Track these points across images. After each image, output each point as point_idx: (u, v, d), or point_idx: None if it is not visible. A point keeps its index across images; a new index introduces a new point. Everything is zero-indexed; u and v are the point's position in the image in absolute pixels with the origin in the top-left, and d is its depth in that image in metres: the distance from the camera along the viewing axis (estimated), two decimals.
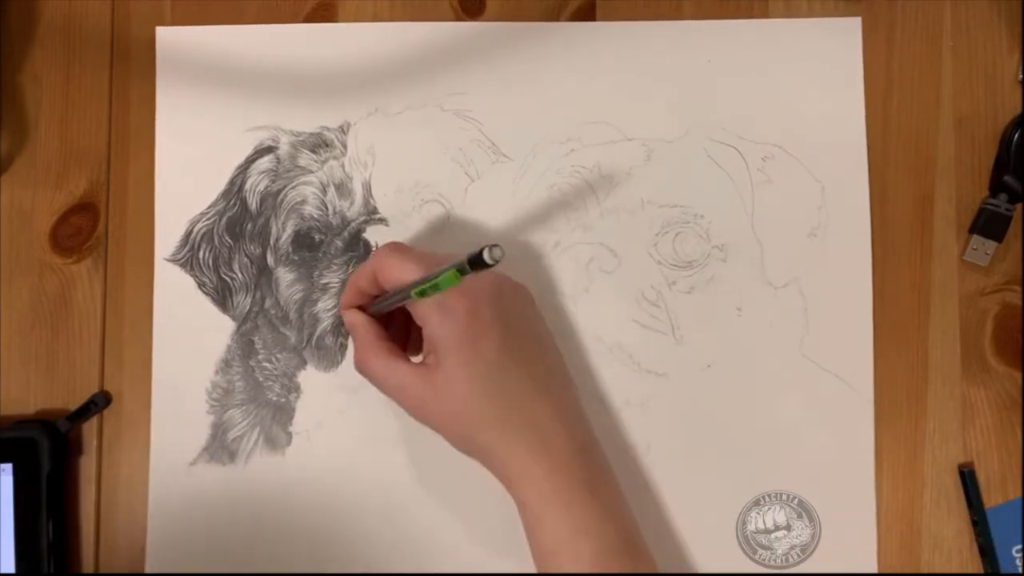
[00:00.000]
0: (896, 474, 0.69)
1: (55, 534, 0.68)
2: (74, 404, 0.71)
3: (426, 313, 0.60)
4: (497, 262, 0.51)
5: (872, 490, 0.69)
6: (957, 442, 0.69)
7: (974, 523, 0.68)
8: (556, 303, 0.70)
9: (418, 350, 0.66)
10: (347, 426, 0.70)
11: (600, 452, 0.64)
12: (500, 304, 0.62)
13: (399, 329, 0.67)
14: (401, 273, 0.60)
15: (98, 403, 0.70)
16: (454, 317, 0.59)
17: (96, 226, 0.72)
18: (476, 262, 0.51)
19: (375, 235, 0.71)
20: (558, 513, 0.59)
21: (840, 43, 0.71)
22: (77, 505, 0.70)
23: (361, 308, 0.65)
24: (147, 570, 0.70)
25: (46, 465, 0.68)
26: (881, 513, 0.69)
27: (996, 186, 0.69)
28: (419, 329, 0.62)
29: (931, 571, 0.69)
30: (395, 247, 0.62)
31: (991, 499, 0.69)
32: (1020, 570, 0.68)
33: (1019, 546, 0.68)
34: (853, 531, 0.69)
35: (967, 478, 0.68)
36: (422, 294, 0.57)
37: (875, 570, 0.69)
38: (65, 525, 0.70)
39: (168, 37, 0.73)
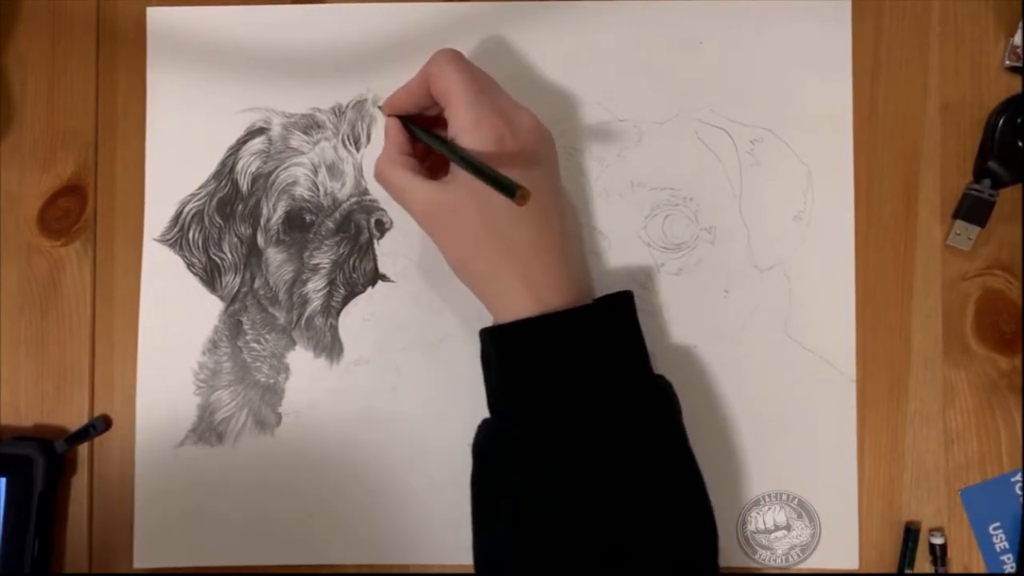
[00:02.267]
0: (878, 454, 0.70)
1: (40, 554, 0.68)
2: (65, 388, 0.71)
3: (459, 130, 0.61)
4: (520, 204, 0.54)
5: (854, 470, 0.70)
6: (937, 423, 0.70)
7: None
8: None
9: (437, 173, 0.66)
10: (337, 407, 0.70)
11: (587, 283, 0.66)
12: (530, 142, 0.63)
13: (423, 148, 0.67)
14: (452, 85, 0.62)
15: (97, 427, 0.70)
16: (484, 140, 0.60)
17: (84, 208, 0.72)
18: (504, 189, 0.55)
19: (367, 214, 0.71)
20: None
21: (829, 27, 0.71)
22: (65, 525, 0.71)
23: (400, 117, 0.67)
24: (135, 552, 0.70)
25: (39, 484, 0.68)
26: (862, 493, 0.70)
27: (980, 172, 0.70)
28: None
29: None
30: (452, 56, 0.63)
31: (970, 479, 0.70)
32: (1013, 568, 0.69)
33: (996, 523, 0.69)
34: (839, 514, 0.70)
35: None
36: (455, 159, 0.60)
37: (856, 558, 0.70)
38: (51, 546, 0.70)
39: (159, 18, 0.72)
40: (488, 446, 0.63)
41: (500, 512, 0.61)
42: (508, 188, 0.54)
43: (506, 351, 0.61)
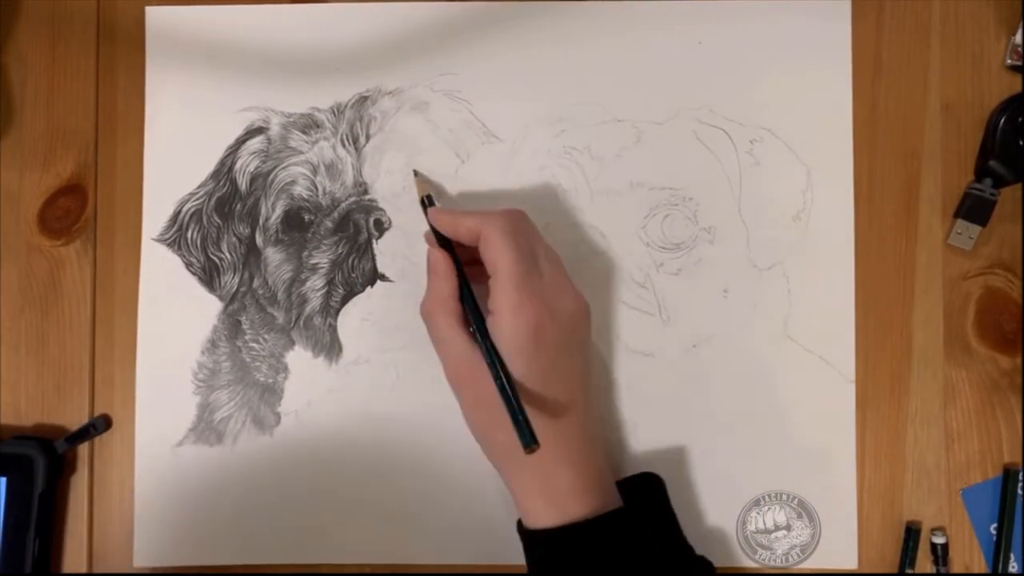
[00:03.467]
0: (878, 453, 0.70)
1: (40, 553, 0.69)
2: (65, 387, 0.71)
3: (500, 308, 0.60)
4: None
5: (853, 470, 0.70)
6: (938, 423, 0.70)
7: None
8: None
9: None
10: (336, 406, 0.70)
11: (607, 469, 0.64)
12: (568, 331, 0.62)
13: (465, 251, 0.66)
14: (501, 262, 0.61)
15: (97, 427, 0.70)
16: (522, 326, 0.60)
17: (84, 208, 0.72)
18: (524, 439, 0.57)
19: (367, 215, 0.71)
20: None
21: (829, 26, 0.71)
22: (65, 525, 0.71)
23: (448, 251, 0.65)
24: (135, 551, 0.70)
25: (40, 484, 0.68)
26: (863, 493, 0.69)
27: (981, 171, 0.70)
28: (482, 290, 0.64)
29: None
30: (509, 226, 0.62)
31: (971, 478, 0.70)
32: (1015, 568, 0.69)
33: (995, 524, 0.69)
34: (839, 514, 0.70)
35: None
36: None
37: (856, 558, 0.70)
38: (51, 545, 0.70)
39: (158, 17, 0.73)
40: None
41: None
42: (524, 435, 0.56)
43: (540, 558, 0.62)
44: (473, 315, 0.62)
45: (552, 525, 0.60)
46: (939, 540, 0.69)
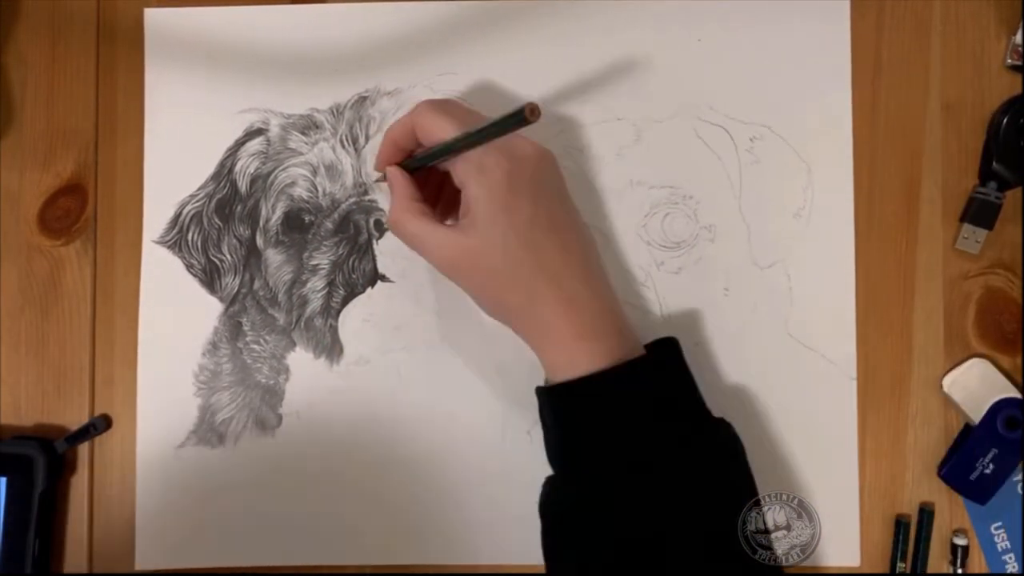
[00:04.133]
0: (879, 453, 0.70)
1: (40, 553, 0.69)
2: (65, 387, 0.71)
3: (465, 175, 0.60)
4: (535, 120, 0.54)
5: (854, 469, 0.70)
6: (939, 423, 0.70)
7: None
8: None
9: (447, 213, 0.67)
10: (337, 407, 0.70)
11: (621, 312, 0.64)
12: (536, 168, 0.62)
13: (430, 192, 0.67)
14: (440, 131, 0.61)
15: (97, 427, 0.70)
16: (493, 179, 0.60)
17: (84, 208, 0.72)
18: (516, 119, 0.55)
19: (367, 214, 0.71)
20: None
21: (828, 25, 0.71)
22: (65, 525, 0.71)
23: (398, 164, 0.65)
24: (136, 552, 0.70)
25: (40, 484, 0.68)
26: (863, 492, 0.70)
27: (986, 174, 0.70)
28: (452, 191, 0.64)
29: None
30: (434, 103, 0.63)
31: None
32: (1019, 569, 0.69)
33: (998, 523, 0.69)
34: (839, 514, 0.70)
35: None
36: (460, 150, 0.60)
37: (857, 558, 0.70)
38: (51, 545, 0.70)
39: (157, 18, 0.73)
40: (551, 507, 0.61)
41: (568, 570, 0.60)
42: (517, 117, 0.55)
43: (561, 411, 0.61)
44: (425, 156, 0.63)
45: (573, 376, 0.59)
46: (961, 542, 0.69)
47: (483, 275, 0.61)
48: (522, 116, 0.54)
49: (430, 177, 0.66)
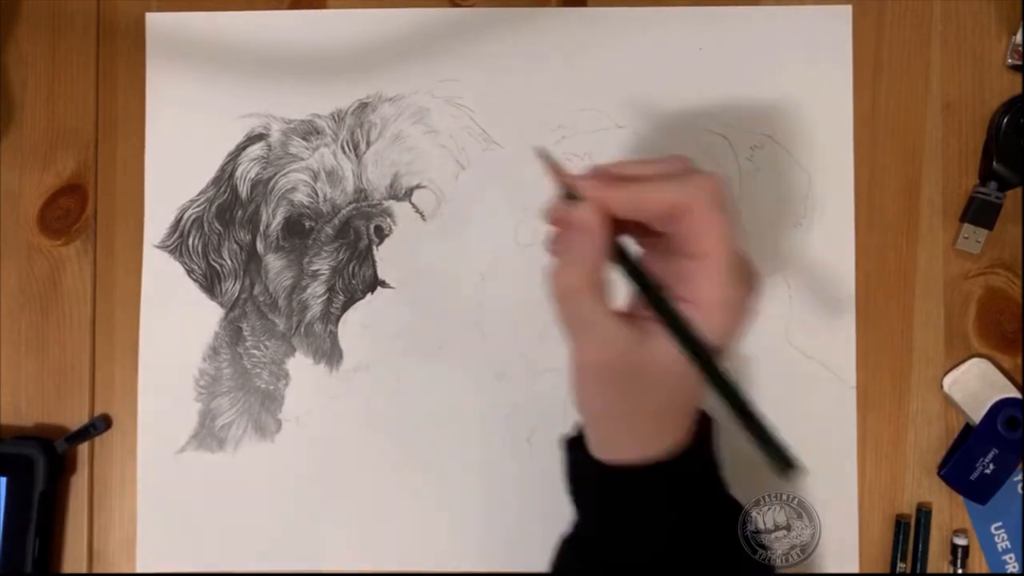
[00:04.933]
0: (879, 453, 0.70)
1: (40, 553, 0.69)
2: (65, 387, 0.71)
3: (709, 303, 0.50)
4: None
5: (853, 469, 0.70)
6: (939, 423, 0.70)
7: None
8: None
9: None
10: (337, 413, 0.70)
11: None
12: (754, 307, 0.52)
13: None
14: (712, 249, 0.49)
15: (97, 426, 0.70)
16: (726, 325, 0.50)
17: (84, 208, 0.72)
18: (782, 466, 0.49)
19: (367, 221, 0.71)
20: None
21: (830, 31, 0.71)
22: (65, 525, 0.71)
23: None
24: (137, 557, 0.70)
25: (40, 484, 0.68)
26: (863, 492, 0.70)
27: (986, 174, 0.70)
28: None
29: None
30: (723, 197, 0.50)
31: None
32: (1019, 568, 0.69)
33: (998, 523, 0.70)
34: (839, 514, 0.70)
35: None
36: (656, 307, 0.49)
37: (856, 558, 0.70)
38: (51, 545, 0.70)
39: (158, 23, 0.72)
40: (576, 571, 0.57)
41: None
42: (784, 464, 0.49)
43: (606, 491, 0.54)
44: (658, 301, 0.50)
45: (633, 460, 0.52)
46: (961, 542, 0.69)
47: (616, 389, 0.51)
48: (787, 470, 0.48)
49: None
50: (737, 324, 0.50)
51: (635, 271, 0.50)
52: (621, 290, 0.52)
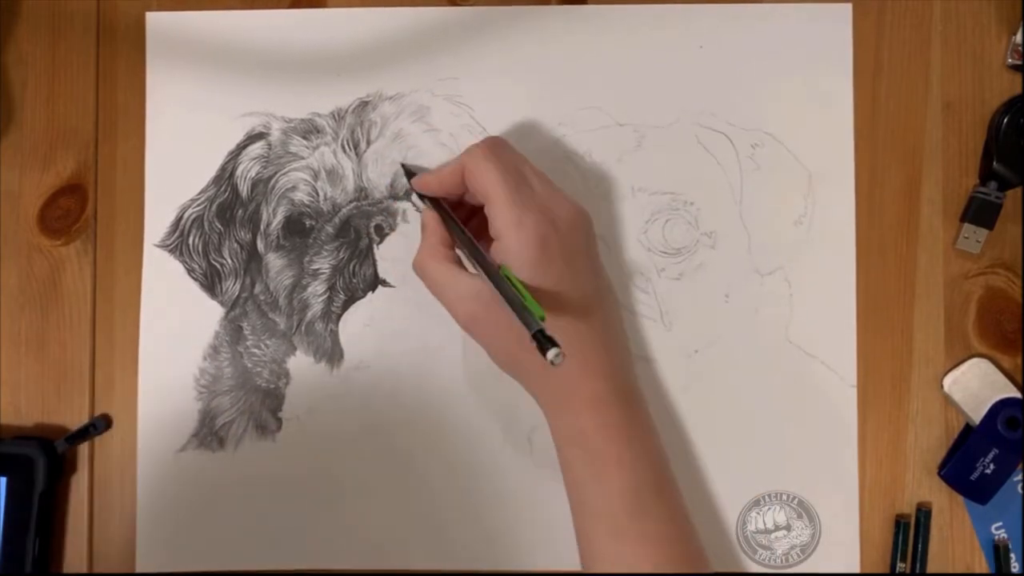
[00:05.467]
0: (879, 453, 0.70)
1: (40, 553, 0.69)
2: (65, 387, 0.71)
3: (504, 228, 0.61)
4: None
5: (854, 469, 0.70)
6: (940, 423, 0.70)
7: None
8: None
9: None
10: (338, 412, 0.70)
11: (635, 385, 0.65)
12: (571, 231, 0.62)
13: (460, 216, 0.66)
14: (485, 178, 0.61)
15: (97, 426, 0.70)
16: (528, 237, 0.60)
17: (85, 208, 0.72)
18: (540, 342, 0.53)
19: (367, 220, 0.71)
20: (591, 448, 0.61)
21: (830, 29, 0.71)
22: (65, 525, 0.71)
23: (434, 200, 0.66)
24: (137, 556, 0.70)
25: (40, 484, 0.68)
26: (863, 492, 0.70)
27: (986, 174, 0.70)
28: (480, 228, 0.64)
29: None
30: (487, 148, 0.63)
31: None
32: (1020, 569, 0.69)
33: (999, 523, 0.70)
34: (839, 514, 0.70)
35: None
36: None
37: (857, 558, 0.70)
38: (51, 545, 0.70)
39: (158, 22, 0.72)
40: None
41: None
42: (546, 346, 0.53)
43: None
44: (470, 246, 0.62)
45: (581, 449, 0.61)
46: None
47: (502, 329, 0.60)
48: (546, 349, 0.53)
49: (461, 205, 0.67)
50: (533, 236, 0.60)
51: (461, 234, 0.62)
52: None
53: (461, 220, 0.64)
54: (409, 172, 0.69)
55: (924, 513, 0.69)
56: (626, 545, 0.60)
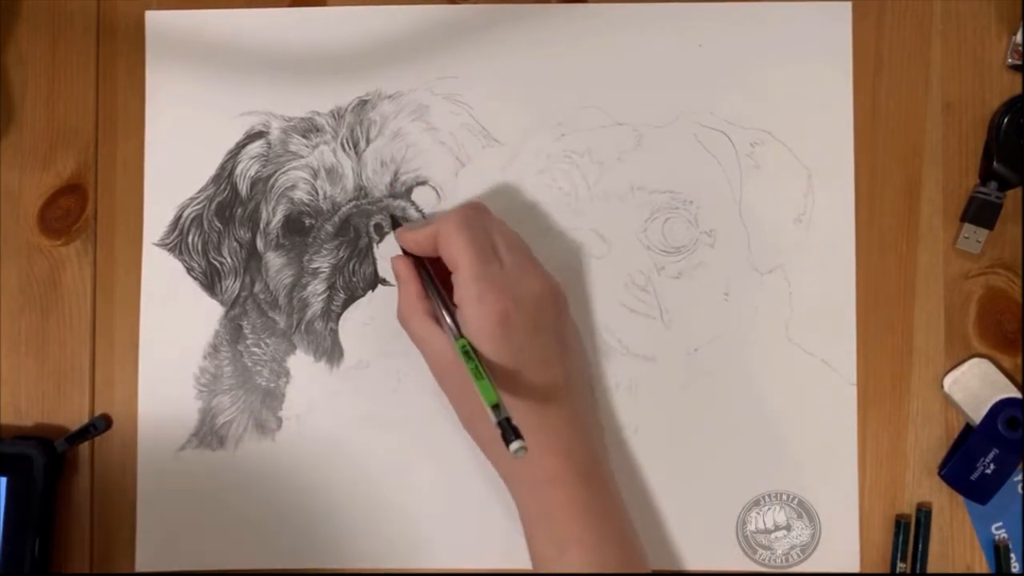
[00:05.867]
0: (879, 453, 0.70)
1: (40, 553, 0.68)
2: (65, 387, 0.71)
3: (464, 301, 0.61)
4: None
5: (854, 470, 0.70)
6: (940, 423, 0.70)
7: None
8: None
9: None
10: (338, 410, 0.70)
11: (601, 462, 0.65)
12: (536, 308, 0.62)
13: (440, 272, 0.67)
14: (455, 251, 0.62)
15: (97, 426, 0.70)
16: (485, 313, 0.60)
17: (84, 208, 0.72)
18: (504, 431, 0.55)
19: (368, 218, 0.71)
20: (552, 525, 0.61)
21: (830, 28, 0.71)
22: (65, 525, 0.71)
23: (408, 253, 0.67)
24: (137, 556, 0.70)
25: (40, 483, 0.68)
26: (863, 492, 0.70)
27: (986, 174, 0.70)
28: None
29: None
30: (461, 220, 0.63)
31: None
32: (1020, 569, 0.69)
33: (999, 523, 0.69)
34: (839, 514, 0.70)
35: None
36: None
37: (857, 558, 0.70)
38: (51, 545, 0.70)
39: (158, 21, 0.72)
40: None
41: None
42: (506, 434, 0.55)
43: None
44: (440, 309, 0.63)
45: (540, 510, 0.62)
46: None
47: (466, 392, 0.61)
48: (506, 437, 0.55)
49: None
50: (492, 313, 0.60)
51: (436, 292, 0.64)
52: None
53: (442, 272, 0.65)
54: (396, 222, 0.70)
55: (924, 513, 0.69)
56: None
